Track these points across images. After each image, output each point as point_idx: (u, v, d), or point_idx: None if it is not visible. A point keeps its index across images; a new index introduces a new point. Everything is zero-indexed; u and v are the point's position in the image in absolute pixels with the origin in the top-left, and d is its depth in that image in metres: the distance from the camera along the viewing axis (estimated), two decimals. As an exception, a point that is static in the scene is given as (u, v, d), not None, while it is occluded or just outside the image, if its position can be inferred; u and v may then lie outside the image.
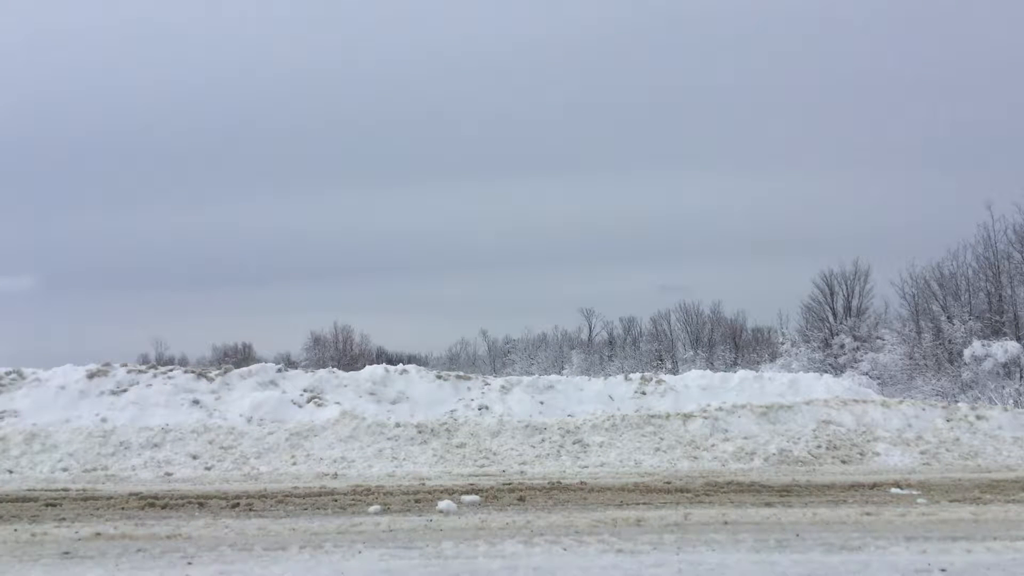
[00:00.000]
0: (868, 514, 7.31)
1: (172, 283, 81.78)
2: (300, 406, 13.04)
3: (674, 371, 35.73)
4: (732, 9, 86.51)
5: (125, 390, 13.16)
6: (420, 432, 12.04)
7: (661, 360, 48.83)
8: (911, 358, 28.11)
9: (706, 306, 52.00)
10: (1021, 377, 22.00)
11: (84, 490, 9.20)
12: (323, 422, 12.28)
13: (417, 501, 8.20)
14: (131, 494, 8.78)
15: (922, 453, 11.91)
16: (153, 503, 8.09)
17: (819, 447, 12.00)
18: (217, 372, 14.13)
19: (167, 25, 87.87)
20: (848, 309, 36.51)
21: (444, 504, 7.73)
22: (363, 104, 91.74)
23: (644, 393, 14.23)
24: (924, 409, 13.29)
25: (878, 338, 32.34)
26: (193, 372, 14.10)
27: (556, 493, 8.77)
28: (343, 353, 56.55)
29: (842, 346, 33.74)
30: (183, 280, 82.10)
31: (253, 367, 14.43)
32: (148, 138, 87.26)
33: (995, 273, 27.58)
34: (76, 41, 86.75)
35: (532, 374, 16.87)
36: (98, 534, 6.48)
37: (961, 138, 73.93)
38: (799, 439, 12.18)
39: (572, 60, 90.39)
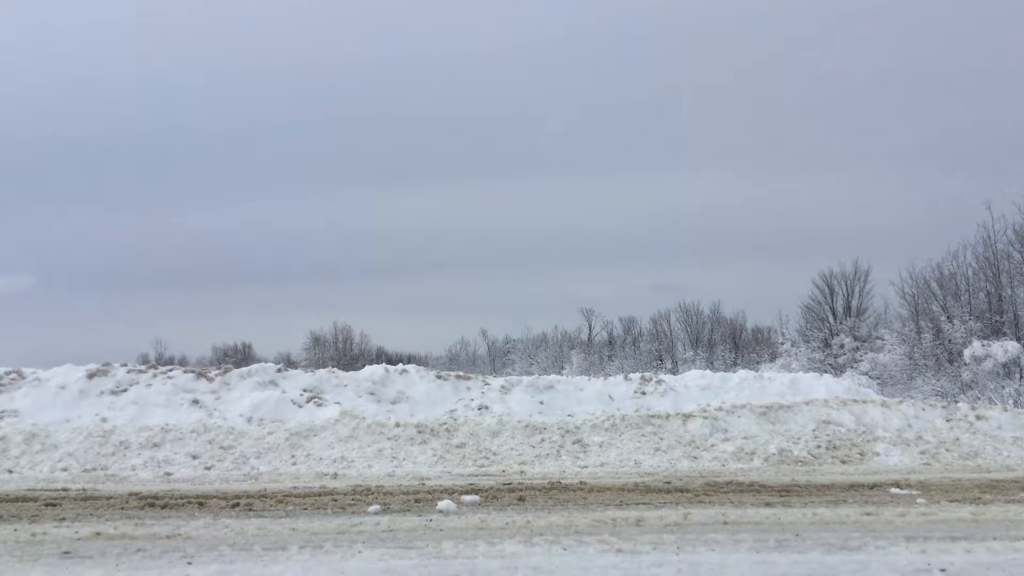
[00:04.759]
0: (868, 514, 7.30)
1: (172, 283, 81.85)
2: (300, 406, 13.05)
3: (674, 371, 35.74)
4: (731, 8, 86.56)
5: (125, 390, 13.17)
6: (420, 432, 12.04)
7: (661, 360, 48.81)
8: (911, 358, 28.10)
9: (706, 306, 52.04)
10: (1021, 377, 22.01)
11: (84, 490, 9.20)
12: (323, 422, 12.28)
13: (417, 501, 8.20)
14: (131, 494, 8.78)
15: (922, 453, 11.91)
16: (153, 503, 8.09)
17: (819, 447, 12.00)
18: (217, 372, 14.14)
19: (167, 22, 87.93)
20: (848, 309, 36.58)
21: (444, 504, 7.73)
22: (364, 103, 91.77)
23: (644, 393, 14.23)
24: (924, 409, 13.29)
25: (878, 338, 32.35)
26: (193, 372, 14.11)
27: (556, 493, 8.77)
28: (343, 353, 56.64)
29: (842, 346, 33.77)
30: (183, 280, 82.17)
31: (253, 367, 14.44)
32: (148, 137, 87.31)
33: (995, 273, 27.59)
34: (76, 39, 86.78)
35: (532, 374, 16.89)
36: (98, 534, 6.48)
37: (961, 138, 73.95)
38: (799, 439, 12.18)
39: (571, 61, 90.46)
